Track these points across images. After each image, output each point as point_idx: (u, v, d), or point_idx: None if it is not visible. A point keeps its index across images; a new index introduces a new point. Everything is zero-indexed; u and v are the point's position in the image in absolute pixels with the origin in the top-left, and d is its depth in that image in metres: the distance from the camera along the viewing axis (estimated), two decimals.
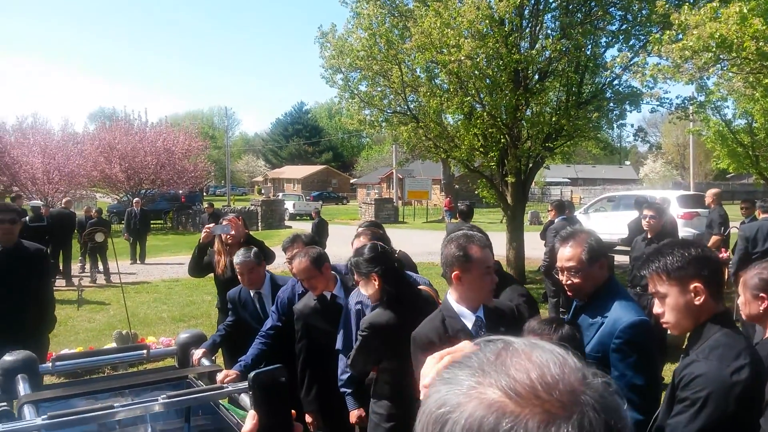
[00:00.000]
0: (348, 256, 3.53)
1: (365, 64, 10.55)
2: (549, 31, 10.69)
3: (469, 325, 2.47)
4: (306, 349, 3.68)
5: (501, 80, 9.93)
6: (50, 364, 3.27)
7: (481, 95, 10.37)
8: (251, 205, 32.59)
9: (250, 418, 0.95)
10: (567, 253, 2.54)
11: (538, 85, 10.58)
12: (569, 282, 2.55)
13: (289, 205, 36.70)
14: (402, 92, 10.56)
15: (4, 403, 2.63)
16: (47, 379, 3.15)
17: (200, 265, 4.93)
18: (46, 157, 25.19)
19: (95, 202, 27.01)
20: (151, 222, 22.12)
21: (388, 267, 3.11)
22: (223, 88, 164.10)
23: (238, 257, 4.06)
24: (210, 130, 74.36)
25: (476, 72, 9.89)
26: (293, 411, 0.97)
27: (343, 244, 4.54)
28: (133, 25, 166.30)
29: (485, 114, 10.26)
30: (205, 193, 42.11)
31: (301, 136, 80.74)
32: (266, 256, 4.39)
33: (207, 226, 4.77)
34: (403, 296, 3.09)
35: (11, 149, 25.12)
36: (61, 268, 12.66)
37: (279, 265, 7.12)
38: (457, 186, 36.13)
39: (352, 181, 68.12)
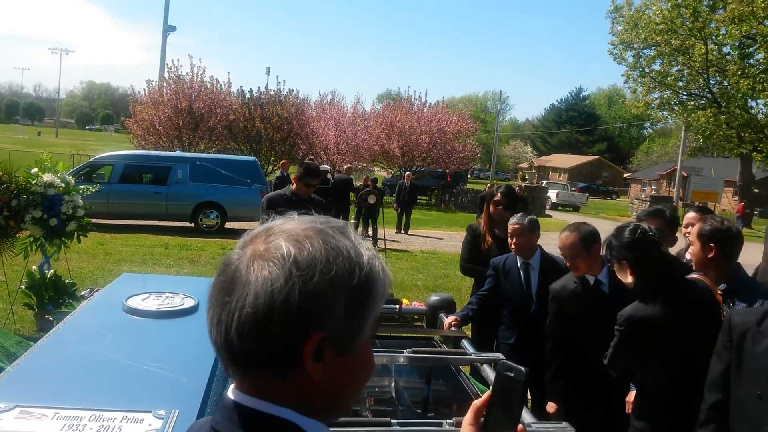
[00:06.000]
0: None
1: (663, 40, 9.38)
2: None
3: None
4: (557, 332, 3.36)
5: None
6: None
7: None
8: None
9: (485, 396, 0.94)
10: None
11: None
12: None
13: (552, 194, 35.58)
14: (704, 72, 9.18)
15: None
16: None
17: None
18: (338, 131, 28.33)
19: (372, 174, 29.57)
20: (418, 197, 23.42)
21: (644, 255, 2.62)
22: (500, 74, 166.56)
23: (512, 219, 3.85)
24: (482, 114, 75.79)
25: None
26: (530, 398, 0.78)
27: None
28: (418, 16, 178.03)
29: None
30: (469, 176, 43.09)
31: (574, 123, 77.33)
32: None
33: None
34: (667, 287, 2.60)
35: (312, 122, 28.77)
36: None
37: None
38: (756, 190, 30.84)
39: (626, 175, 63.16)
